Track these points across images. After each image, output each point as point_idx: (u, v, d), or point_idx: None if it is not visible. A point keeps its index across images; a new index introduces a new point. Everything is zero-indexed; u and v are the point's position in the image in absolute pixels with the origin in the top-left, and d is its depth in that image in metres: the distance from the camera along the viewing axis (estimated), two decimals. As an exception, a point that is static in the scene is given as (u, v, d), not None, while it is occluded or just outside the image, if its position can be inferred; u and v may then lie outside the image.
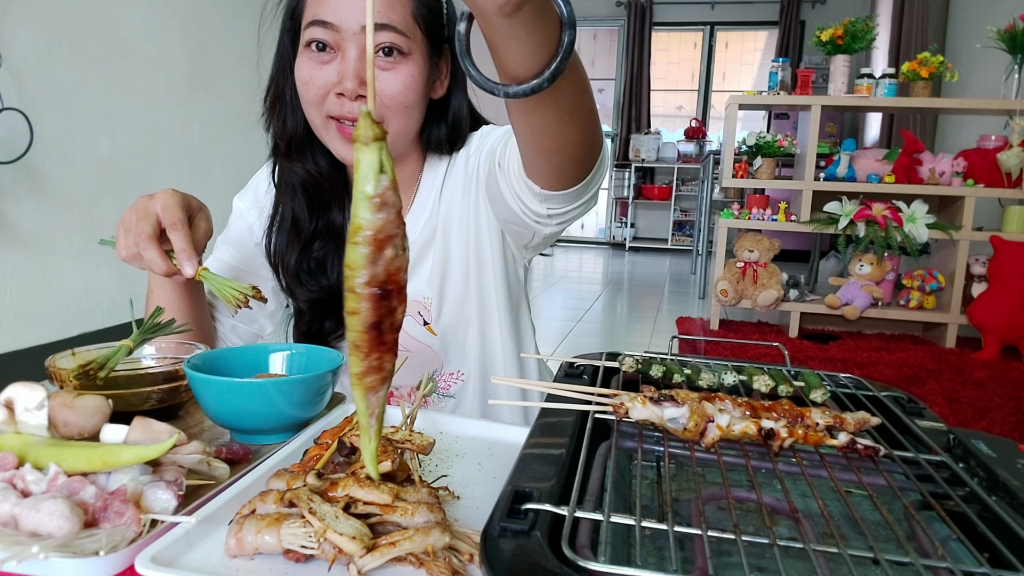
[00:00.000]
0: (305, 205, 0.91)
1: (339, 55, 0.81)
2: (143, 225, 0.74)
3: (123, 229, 0.77)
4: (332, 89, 0.82)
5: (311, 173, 0.90)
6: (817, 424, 0.54)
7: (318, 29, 0.80)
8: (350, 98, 0.81)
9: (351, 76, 0.79)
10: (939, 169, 3.63)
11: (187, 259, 0.74)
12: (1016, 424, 2.45)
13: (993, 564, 0.39)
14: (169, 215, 0.74)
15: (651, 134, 8.11)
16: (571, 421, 0.57)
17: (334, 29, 0.80)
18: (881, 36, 6.18)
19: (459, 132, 0.94)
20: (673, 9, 8.11)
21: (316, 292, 0.93)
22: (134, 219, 0.75)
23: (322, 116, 0.84)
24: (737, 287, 3.80)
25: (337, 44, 0.81)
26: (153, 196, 0.76)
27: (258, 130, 0.93)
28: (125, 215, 0.77)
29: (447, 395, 1.04)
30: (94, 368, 0.74)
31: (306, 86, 0.83)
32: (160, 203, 0.75)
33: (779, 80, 3.94)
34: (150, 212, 0.74)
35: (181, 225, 0.74)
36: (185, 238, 0.74)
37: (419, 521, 0.50)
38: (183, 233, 0.74)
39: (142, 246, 0.74)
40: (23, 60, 2.45)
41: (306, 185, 0.91)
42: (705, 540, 0.41)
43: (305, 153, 0.90)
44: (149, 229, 0.74)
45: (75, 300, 2.76)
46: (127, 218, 0.77)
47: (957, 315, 3.56)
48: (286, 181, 0.92)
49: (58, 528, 0.47)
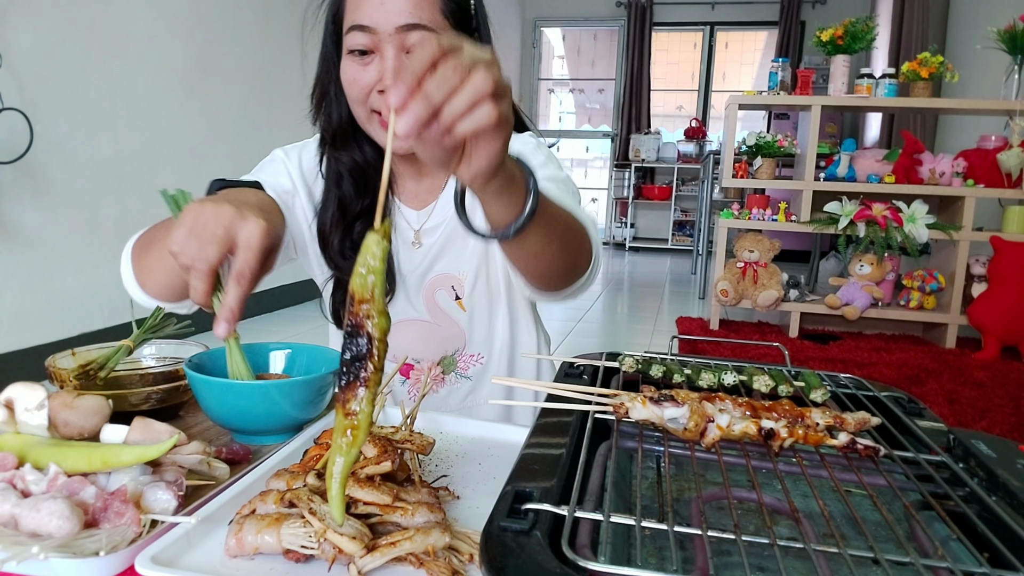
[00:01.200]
0: (352, 189, 0.99)
1: (378, 55, 0.88)
2: (211, 250, 0.61)
3: (190, 226, 0.63)
4: (374, 87, 0.88)
5: (356, 161, 0.98)
6: (817, 424, 0.54)
7: (357, 34, 0.87)
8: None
9: (389, 73, 0.87)
10: (939, 169, 3.63)
11: (227, 320, 0.62)
12: (1016, 424, 2.45)
13: (993, 564, 0.39)
14: (244, 259, 0.62)
15: (651, 134, 8.10)
16: (571, 421, 0.57)
17: (372, 32, 0.86)
18: (881, 36, 6.18)
19: None
20: (673, 9, 8.11)
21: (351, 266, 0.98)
22: (208, 230, 0.62)
23: (366, 111, 0.91)
24: (737, 287, 3.80)
25: (375, 46, 0.87)
26: (245, 218, 0.63)
27: (258, 130, 0.95)
28: (206, 210, 0.63)
29: (464, 376, 1.07)
30: (94, 368, 0.74)
31: (350, 86, 0.90)
32: (245, 238, 0.62)
33: (779, 80, 3.94)
34: (228, 237, 0.62)
35: (248, 280, 0.62)
36: (240, 298, 0.62)
37: (419, 521, 0.50)
38: (243, 292, 0.62)
39: (196, 272, 0.62)
40: (23, 60, 2.45)
41: (351, 171, 0.98)
42: (705, 540, 0.41)
43: (350, 143, 0.98)
44: (215, 257, 0.61)
45: (75, 300, 2.76)
46: (205, 218, 0.63)
47: (957, 315, 3.56)
48: (334, 169, 1.00)
49: (58, 528, 0.47)
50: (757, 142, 3.90)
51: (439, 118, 0.45)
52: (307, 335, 3.62)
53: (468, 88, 0.45)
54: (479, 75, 0.45)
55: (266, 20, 3.89)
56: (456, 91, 0.45)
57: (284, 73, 4.09)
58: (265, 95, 3.93)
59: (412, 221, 1.03)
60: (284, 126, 4.09)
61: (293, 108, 4.20)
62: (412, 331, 1.04)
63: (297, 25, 1.15)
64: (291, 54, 4.15)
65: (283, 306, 4.11)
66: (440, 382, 1.07)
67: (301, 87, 1.08)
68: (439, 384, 1.07)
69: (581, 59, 9.50)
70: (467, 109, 0.45)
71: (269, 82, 3.96)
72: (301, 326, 3.79)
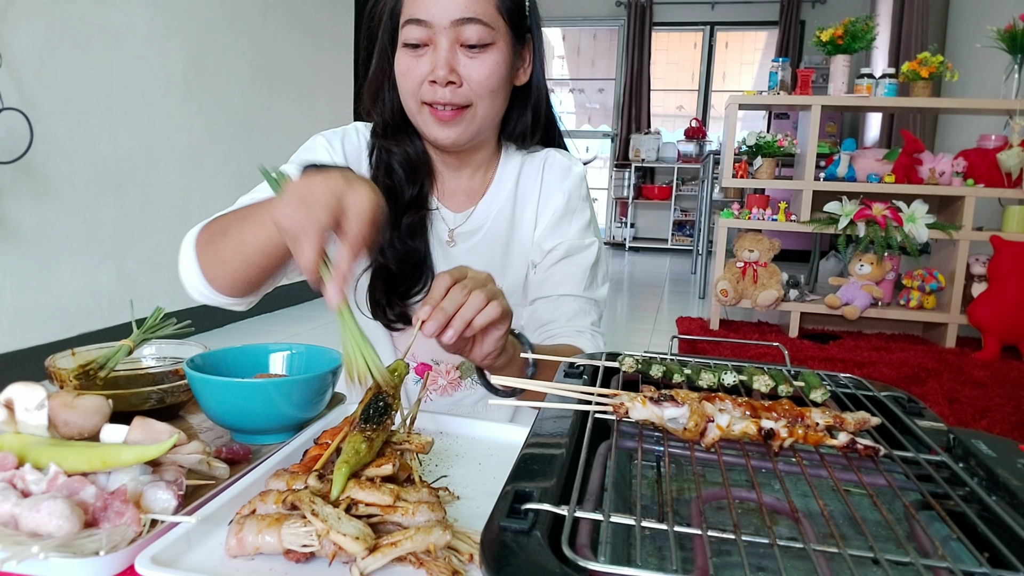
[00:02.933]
0: (402, 180, 1.01)
1: (431, 48, 0.90)
2: (323, 214, 0.60)
3: (300, 195, 0.62)
4: (426, 78, 0.91)
5: (407, 152, 1.01)
6: (817, 424, 0.54)
7: (413, 27, 0.90)
8: (441, 84, 0.90)
9: (442, 65, 0.89)
10: (939, 169, 3.62)
11: (339, 284, 0.61)
12: (1016, 424, 2.45)
13: (993, 564, 0.39)
14: (356, 226, 0.61)
15: (651, 134, 8.10)
16: (571, 421, 0.57)
17: (427, 26, 0.89)
18: (881, 36, 6.18)
19: (538, 123, 1.05)
20: (673, 9, 8.11)
21: (403, 253, 1.01)
22: (319, 198, 0.61)
23: (417, 103, 0.93)
24: (737, 287, 3.80)
25: (430, 39, 0.90)
26: (353, 186, 0.62)
27: (258, 130, 0.95)
28: (315, 180, 0.62)
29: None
30: (94, 368, 0.74)
31: (404, 77, 0.93)
32: (357, 206, 0.61)
33: (779, 80, 3.94)
34: (340, 204, 0.61)
35: (359, 247, 0.61)
36: (351, 262, 0.61)
37: (420, 520, 0.50)
38: (353, 257, 0.61)
39: (307, 235, 0.60)
40: (23, 60, 2.45)
41: (402, 163, 1.01)
42: (705, 540, 0.41)
43: (401, 136, 1.01)
44: (326, 221, 0.60)
45: (75, 300, 2.76)
46: (314, 186, 0.62)
47: (957, 315, 3.56)
48: (384, 160, 1.02)
49: (58, 528, 0.47)
50: (757, 142, 3.90)
51: (452, 322, 0.68)
52: (307, 335, 3.62)
53: (471, 302, 0.69)
54: (476, 294, 0.69)
55: (264, 20, 3.89)
56: (462, 305, 0.69)
57: (282, 72, 4.09)
58: (263, 94, 3.93)
59: (449, 221, 1.04)
60: (282, 125, 4.10)
61: (292, 107, 4.22)
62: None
63: (296, 25, 1.16)
64: (289, 53, 4.16)
65: (283, 306, 4.12)
66: (456, 386, 1.08)
67: (301, 87, 1.10)
68: (454, 387, 1.08)
69: (581, 59, 9.50)
70: (474, 313, 0.69)
71: (267, 81, 3.96)
72: (301, 326, 3.79)
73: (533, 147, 1.07)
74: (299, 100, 4.27)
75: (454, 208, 1.04)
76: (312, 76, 4.41)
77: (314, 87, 4.44)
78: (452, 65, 0.90)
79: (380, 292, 1.01)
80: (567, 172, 1.06)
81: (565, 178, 1.06)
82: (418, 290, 1.03)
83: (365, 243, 0.61)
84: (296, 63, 4.22)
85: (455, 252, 1.03)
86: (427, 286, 1.02)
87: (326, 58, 4.58)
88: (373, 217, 0.62)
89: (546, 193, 1.05)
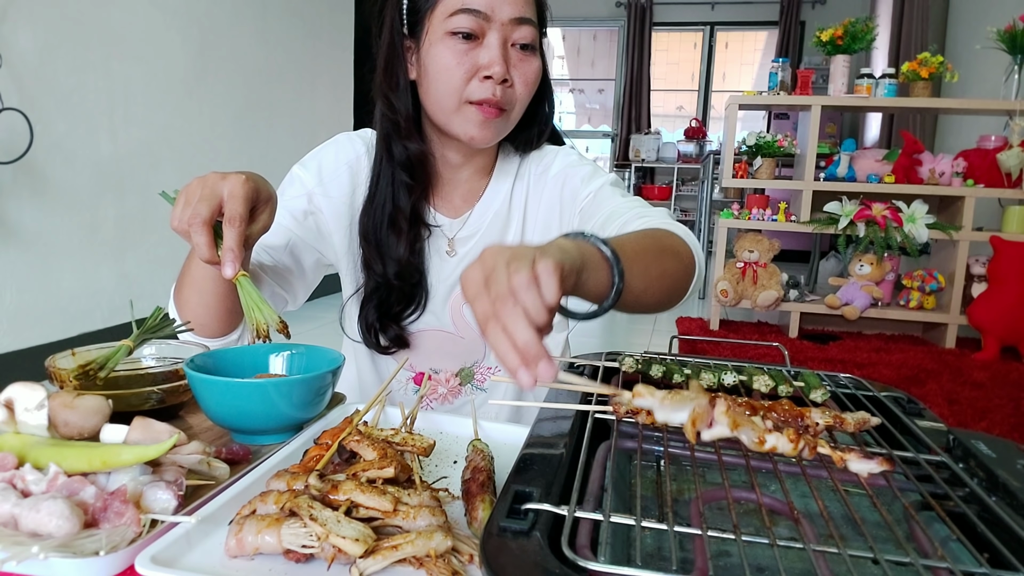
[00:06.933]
0: (406, 179, 0.97)
1: (480, 41, 0.86)
2: (202, 207, 0.70)
3: (184, 199, 0.72)
4: (477, 74, 0.86)
5: (414, 154, 0.96)
6: (817, 424, 0.54)
7: (465, 16, 0.85)
8: (497, 81, 0.86)
9: (499, 61, 0.85)
10: (939, 169, 3.62)
11: (231, 260, 0.71)
12: (1016, 424, 2.45)
13: (993, 564, 0.39)
14: (231, 206, 0.71)
15: (651, 134, 8.10)
16: (571, 421, 0.57)
17: (483, 18, 0.85)
18: (881, 36, 6.18)
19: (542, 131, 1.03)
20: (673, 9, 8.11)
21: (396, 268, 0.97)
22: (197, 194, 0.71)
23: (458, 100, 0.88)
24: (737, 287, 3.80)
25: (482, 31, 0.86)
26: (226, 177, 0.72)
27: (257, 130, 0.94)
28: (192, 184, 0.72)
29: (480, 388, 1.07)
30: (94, 368, 0.74)
31: (449, 72, 0.87)
32: (228, 189, 0.71)
33: (779, 80, 3.94)
34: (215, 194, 0.71)
35: (239, 222, 0.71)
36: (236, 237, 0.71)
37: (421, 525, 0.50)
38: (237, 232, 0.71)
39: (194, 228, 0.70)
40: (23, 60, 2.45)
41: (405, 167, 0.96)
42: (705, 540, 0.41)
43: (412, 136, 0.95)
44: (207, 212, 0.70)
45: (75, 300, 2.76)
46: (192, 189, 0.72)
47: (957, 315, 3.55)
48: (388, 162, 0.97)
49: (58, 528, 0.47)
50: (757, 142, 3.90)
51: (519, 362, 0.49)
52: (308, 335, 3.63)
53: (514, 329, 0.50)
54: (512, 318, 0.50)
55: (264, 20, 3.89)
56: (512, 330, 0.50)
57: (283, 71, 4.09)
58: (264, 94, 3.93)
59: (446, 229, 1.01)
60: (283, 125, 4.10)
61: (292, 107, 4.22)
62: (435, 341, 1.03)
63: (296, 24, 1.15)
64: (290, 53, 4.15)
65: (283, 306, 4.11)
66: (456, 393, 1.07)
67: (301, 87, 1.07)
68: (455, 395, 1.07)
69: (581, 59, 9.50)
70: (527, 334, 0.49)
71: (268, 81, 3.96)
72: (301, 326, 3.79)
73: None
74: (299, 100, 4.27)
75: (450, 214, 1.02)
76: (312, 76, 4.41)
77: (314, 87, 4.44)
78: (509, 62, 0.87)
79: (373, 316, 0.99)
80: (556, 154, 1.03)
81: (556, 159, 1.03)
82: (412, 311, 1.00)
83: (241, 219, 0.70)
84: (296, 63, 4.22)
85: (454, 261, 1.01)
86: (422, 306, 1.00)
87: (326, 58, 4.58)
88: (245, 195, 0.71)
89: (544, 184, 1.02)
